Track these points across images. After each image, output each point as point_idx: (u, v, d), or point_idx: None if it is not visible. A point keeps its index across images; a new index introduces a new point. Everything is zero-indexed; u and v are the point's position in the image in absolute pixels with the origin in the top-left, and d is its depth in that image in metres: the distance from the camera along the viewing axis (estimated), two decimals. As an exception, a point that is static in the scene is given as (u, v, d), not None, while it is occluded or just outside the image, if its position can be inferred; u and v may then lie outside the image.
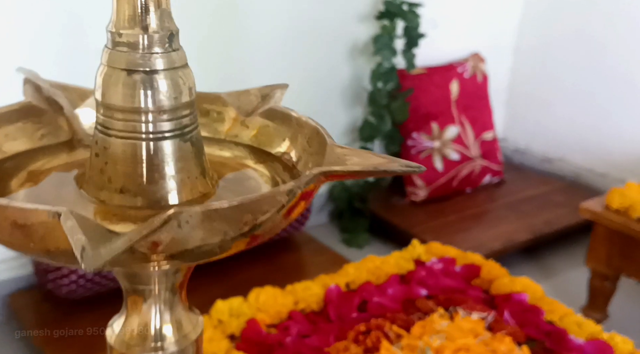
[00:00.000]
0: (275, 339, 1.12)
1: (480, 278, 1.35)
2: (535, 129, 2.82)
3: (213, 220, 0.31)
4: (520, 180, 2.68)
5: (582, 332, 1.18)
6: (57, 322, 1.59)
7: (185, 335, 0.42)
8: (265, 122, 0.46)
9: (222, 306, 1.16)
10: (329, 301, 1.23)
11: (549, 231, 2.25)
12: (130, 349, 0.41)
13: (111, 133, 0.36)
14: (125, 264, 0.33)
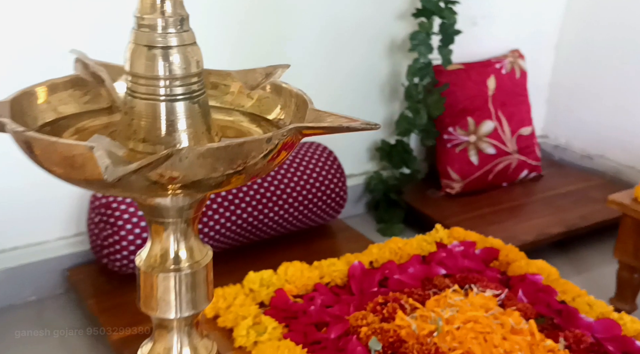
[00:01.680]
0: (300, 308, 1.22)
1: (499, 260, 1.42)
2: (576, 126, 2.83)
3: (206, 157, 0.42)
4: (559, 176, 2.69)
5: (592, 312, 1.23)
6: (110, 293, 1.75)
7: (197, 261, 0.53)
8: (265, 93, 0.57)
9: (254, 277, 1.27)
10: (352, 276, 1.32)
11: (583, 225, 2.27)
12: (153, 270, 0.53)
13: (136, 96, 0.47)
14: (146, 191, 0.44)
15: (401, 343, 1.10)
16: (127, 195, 0.45)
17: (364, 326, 1.14)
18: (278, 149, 0.46)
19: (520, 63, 2.58)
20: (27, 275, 1.83)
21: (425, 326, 1.14)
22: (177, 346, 0.54)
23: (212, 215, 1.83)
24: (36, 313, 1.82)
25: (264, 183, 1.93)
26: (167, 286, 0.52)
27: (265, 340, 1.11)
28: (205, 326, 1.19)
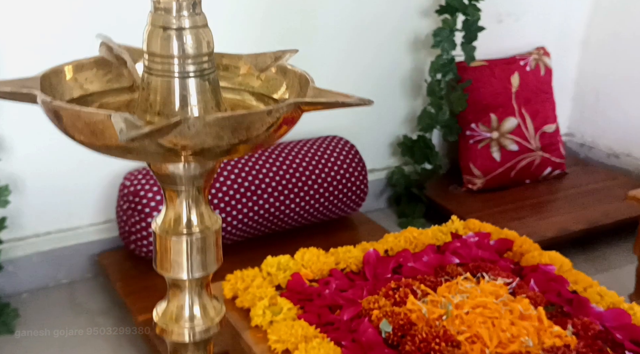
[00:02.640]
0: (315, 291, 1.27)
1: (513, 251, 1.44)
2: (602, 124, 2.81)
3: (212, 126, 0.47)
4: (584, 174, 2.68)
5: (603, 302, 1.25)
6: (137, 277, 1.82)
7: (207, 226, 0.58)
8: (272, 75, 0.61)
9: (272, 261, 1.32)
10: (366, 262, 1.36)
11: (606, 222, 2.26)
12: (167, 234, 0.58)
13: (152, 73, 0.52)
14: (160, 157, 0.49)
15: (411, 325, 1.13)
16: (143, 159, 0.50)
17: (376, 309, 1.17)
18: (279, 123, 0.51)
19: (545, 60, 2.58)
20: (59, 259, 1.92)
21: (435, 310, 1.17)
22: (189, 304, 0.59)
23: (235, 205, 1.89)
24: (68, 295, 1.90)
25: (286, 175, 1.98)
26: (180, 248, 0.57)
27: (280, 320, 1.15)
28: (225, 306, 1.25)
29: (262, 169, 1.96)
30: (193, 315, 0.59)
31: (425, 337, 1.08)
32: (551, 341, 1.09)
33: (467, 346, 1.08)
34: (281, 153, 2.03)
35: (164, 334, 0.60)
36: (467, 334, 1.11)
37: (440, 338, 1.08)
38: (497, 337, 1.09)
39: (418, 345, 1.08)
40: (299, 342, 1.09)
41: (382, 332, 1.13)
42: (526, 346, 1.08)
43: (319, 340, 1.09)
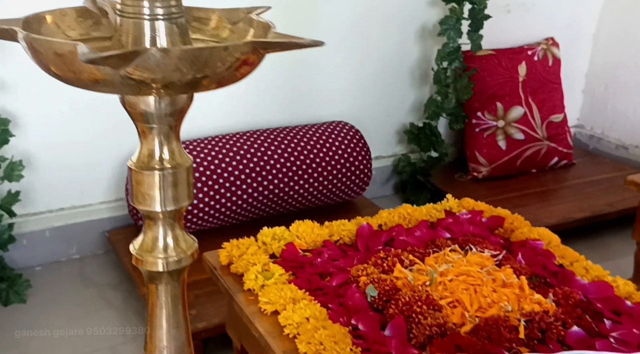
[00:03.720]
0: (307, 260, 1.31)
1: (504, 228, 1.47)
2: (612, 116, 2.81)
3: (171, 58, 0.52)
4: (592, 165, 2.69)
5: (588, 275, 1.27)
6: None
7: (179, 163, 0.64)
8: (241, 26, 0.66)
9: (267, 231, 1.37)
10: (359, 235, 1.40)
11: (610, 211, 2.27)
12: (141, 168, 0.63)
13: (125, 15, 0.58)
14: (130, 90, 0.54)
15: (396, 291, 1.17)
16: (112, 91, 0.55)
17: (364, 276, 1.22)
18: (239, 62, 0.56)
19: (553, 50, 2.59)
20: (71, 234, 2.00)
21: (420, 277, 1.21)
22: (162, 235, 0.64)
23: (240, 185, 1.95)
24: (78, 270, 1.98)
25: (290, 157, 2.03)
26: (152, 182, 0.62)
27: (272, 284, 1.20)
28: (219, 272, 1.30)
29: (267, 151, 2.01)
30: (166, 246, 0.64)
31: (408, 301, 1.12)
32: (530, 308, 1.12)
33: (448, 310, 1.12)
34: (287, 136, 2.08)
35: (139, 264, 0.65)
36: (449, 299, 1.14)
37: (423, 302, 1.12)
38: (477, 302, 1.13)
39: (401, 308, 1.12)
40: (287, 304, 1.14)
41: (367, 296, 1.18)
42: (505, 311, 1.11)
43: (306, 302, 1.14)
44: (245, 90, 2.15)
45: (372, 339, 1.07)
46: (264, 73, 2.18)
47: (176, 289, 0.66)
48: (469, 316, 1.11)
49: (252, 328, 1.15)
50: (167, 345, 0.66)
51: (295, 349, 1.06)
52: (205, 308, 1.63)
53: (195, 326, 1.58)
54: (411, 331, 1.09)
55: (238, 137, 2.02)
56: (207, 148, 1.95)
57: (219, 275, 1.28)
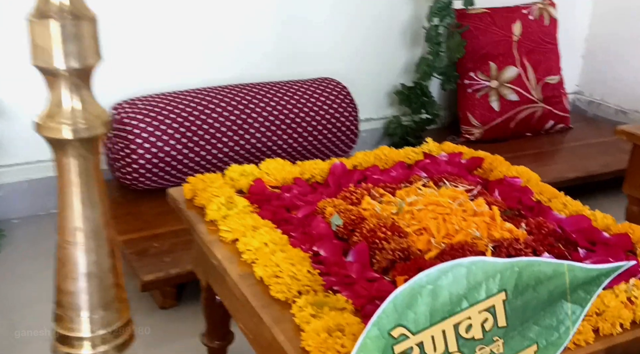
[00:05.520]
0: (275, 195, 1.27)
1: (483, 168, 1.41)
2: (612, 81, 2.74)
3: None
4: (590, 129, 2.62)
5: (566, 210, 1.22)
6: (123, 204, 1.86)
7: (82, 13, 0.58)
8: None
9: (236, 168, 1.32)
10: (331, 173, 1.36)
11: (604, 172, 2.20)
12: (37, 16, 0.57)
13: None
14: None
15: (362, 220, 1.12)
16: None
17: (330, 207, 1.17)
18: None
19: (550, 10, 2.52)
20: (50, 188, 1.96)
21: (388, 208, 1.16)
22: (68, 98, 0.59)
23: (220, 137, 1.90)
24: (57, 223, 1.95)
25: (274, 112, 1.99)
26: (49, 33, 0.57)
27: (234, 214, 1.16)
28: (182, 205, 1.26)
29: (250, 104, 1.96)
30: (73, 110, 0.59)
31: (373, 228, 1.08)
32: (500, 235, 1.07)
33: (413, 237, 1.07)
34: (271, 90, 2.03)
35: (43, 131, 0.60)
36: (415, 226, 1.10)
37: (388, 228, 1.07)
38: (445, 229, 1.08)
39: (365, 235, 1.07)
40: (247, 231, 1.10)
41: (332, 226, 1.13)
42: (473, 237, 1.06)
43: (267, 229, 1.10)
44: (233, 44, 2.10)
45: (333, 263, 1.02)
46: (252, 27, 2.14)
47: (89, 163, 0.61)
48: (435, 242, 1.06)
49: (211, 256, 1.10)
50: (81, 227, 0.62)
51: (252, 272, 1.02)
52: (180, 255, 1.60)
53: (169, 271, 1.55)
54: (374, 256, 1.04)
55: (222, 90, 1.98)
56: (192, 100, 1.90)
57: (182, 208, 1.24)
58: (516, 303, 0.79)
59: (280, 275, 0.97)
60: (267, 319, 0.92)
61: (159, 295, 1.60)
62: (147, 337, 1.51)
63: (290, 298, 0.95)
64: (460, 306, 0.76)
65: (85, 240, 0.63)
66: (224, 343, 1.39)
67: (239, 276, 1.02)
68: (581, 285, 0.83)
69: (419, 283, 0.74)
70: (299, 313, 0.90)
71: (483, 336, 0.78)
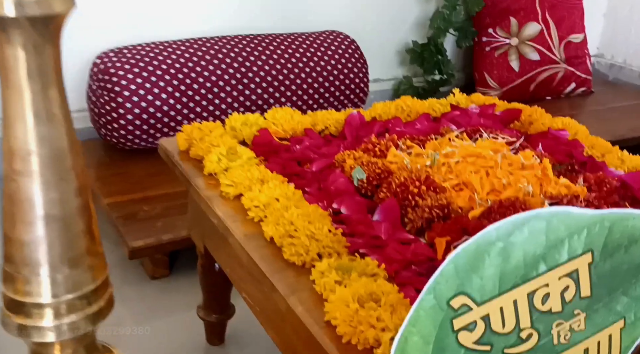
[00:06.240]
0: (284, 147, 1.09)
1: (520, 121, 1.24)
2: (635, 42, 2.56)
3: None
4: (613, 93, 2.45)
5: (624, 166, 1.05)
6: (108, 164, 1.68)
7: None
8: None
9: (238, 117, 1.14)
10: (348, 123, 1.18)
11: (633, 136, 2.04)
12: None
13: None
14: None
15: (389, 174, 0.95)
16: None
17: (350, 160, 1.00)
18: None
19: (574, -37, 2.33)
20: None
21: (419, 160, 0.99)
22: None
23: (218, 93, 1.72)
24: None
25: (276, 65, 1.80)
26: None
27: (237, 166, 0.98)
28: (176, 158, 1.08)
29: (250, 57, 1.77)
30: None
31: (404, 182, 0.90)
32: (557, 191, 0.90)
33: (452, 193, 0.90)
34: (273, 42, 1.84)
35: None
36: (454, 181, 0.92)
37: (422, 182, 0.90)
38: (489, 184, 0.91)
39: (394, 190, 0.90)
40: (253, 184, 0.92)
41: (354, 180, 0.96)
42: (525, 192, 0.89)
43: (276, 182, 0.92)
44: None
45: (357, 222, 0.85)
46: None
47: (45, 56, 0.43)
48: (479, 199, 0.89)
49: (210, 214, 0.93)
50: (35, 150, 0.44)
51: (260, 232, 0.85)
52: (173, 220, 1.42)
53: (160, 237, 1.37)
54: (406, 215, 0.87)
55: (221, 41, 1.78)
56: (187, 50, 1.71)
57: (176, 161, 1.06)
58: (604, 267, 0.62)
59: (295, 235, 0.80)
60: (281, 287, 0.75)
61: (150, 263, 1.43)
62: (136, 310, 1.34)
63: (308, 262, 0.78)
64: (537, 270, 0.59)
65: (41, 169, 0.45)
66: (223, 317, 1.22)
67: (245, 236, 0.85)
68: (680, 245, 0.66)
69: (487, 239, 0.57)
70: (321, 279, 0.73)
71: (562, 308, 0.61)
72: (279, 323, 0.83)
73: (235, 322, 1.24)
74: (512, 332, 0.59)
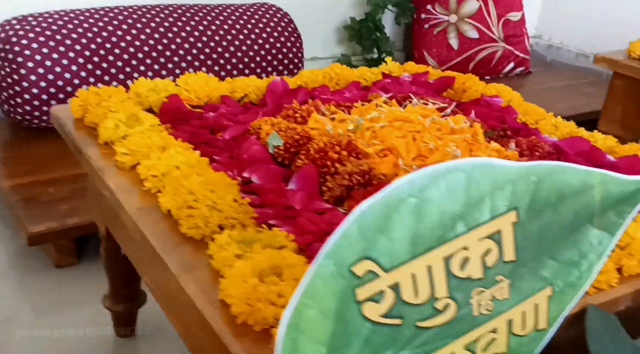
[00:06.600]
0: (195, 114, 0.98)
1: (454, 88, 1.17)
2: (572, 23, 2.55)
3: None
4: (551, 73, 2.44)
5: (558, 132, 0.99)
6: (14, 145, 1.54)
7: None
8: None
9: (144, 82, 1.02)
10: (270, 91, 1.08)
11: (571, 114, 2.01)
12: None
13: None
14: None
15: (308, 139, 0.86)
16: None
17: (267, 126, 0.90)
18: None
19: (512, -60, 2.29)
20: None
21: (342, 126, 0.90)
22: None
23: (136, 65, 1.58)
24: None
25: (202, 37, 1.68)
26: None
27: (137, 133, 0.87)
28: (69, 126, 0.96)
29: (172, 27, 1.65)
30: None
31: (323, 147, 0.81)
32: (487, 155, 0.83)
33: (376, 159, 0.81)
34: (200, 11, 1.72)
35: None
36: (378, 147, 0.84)
37: (342, 147, 0.81)
38: (416, 149, 0.83)
39: (312, 156, 0.80)
40: (152, 152, 0.81)
41: (270, 147, 0.86)
42: (453, 157, 0.81)
43: (179, 149, 0.81)
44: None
45: (269, 191, 0.75)
46: None
47: None
48: (404, 165, 0.80)
49: (102, 187, 0.81)
50: None
51: (156, 205, 0.74)
52: (80, 203, 1.29)
53: (64, 221, 1.24)
54: (324, 183, 0.78)
55: (139, 9, 1.65)
56: (100, 19, 1.56)
57: (68, 130, 0.94)
58: (530, 227, 0.55)
59: (194, 206, 0.70)
60: (172, 265, 0.65)
61: (54, 250, 1.29)
62: (38, 303, 1.21)
63: (208, 236, 0.68)
64: (455, 231, 0.50)
65: None
66: (131, 306, 1.11)
67: (138, 210, 0.74)
68: (613, 204, 0.59)
69: (397, 194, 0.48)
70: (219, 253, 0.63)
71: (483, 274, 0.53)
72: (179, 309, 0.73)
73: (147, 312, 1.13)
74: (426, 303, 0.50)
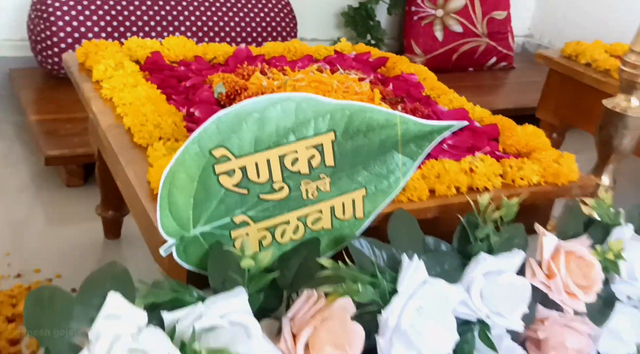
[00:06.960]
0: (169, 67, 1.27)
1: (386, 66, 1.43)
2: (559, 27, 2.74)
3: None
4: (534, 70, 2.63)
5: (451, 105, 1.24)
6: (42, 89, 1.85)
7: None
8: None
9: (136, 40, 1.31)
10: (235, 56, 1.36)
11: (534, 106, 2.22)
12: None
13: None
14: None
15: (244, 90, 1.14)
16: None
17: (218, 79, 1.18)
18: None
19: (503, -57, 2.51)
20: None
21: (275, 83, 1.17)
22: None
23: (149, 32, 1.88)
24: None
25: (202, 17, 1.97)
26: None
27: (119, 75, 1.16)
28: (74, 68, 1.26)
29: (189, 6, 1.94)
30: None
31: (251, 95, 1.09)
32: (373, 111, 1.09)
33: (288, 106, 1.09)
34: (206, -9, 2.01)
35: None
36: (293, 98, 1.11)
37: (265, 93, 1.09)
38: (321, 102, 1.10)
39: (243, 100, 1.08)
40: (125, 88, 1.11)
41: (215, 93, 1.14)
42: (345, 109, 1.08)
43: (145, 88, 1.10)
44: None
45: (204, 120, 1.04)
46: None
47: None
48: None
49: (89, 111, 1.11)
50: None
51: (122, 124, 1.03)
52: (89, 137, 1.60)
53: (75, 150, 1.55)
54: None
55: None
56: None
57: (72, 70, 1.24)
58: (345, 146, 0.82)
59: (145, 124, 0.99)
60: (122, 160, 0.94)
61: (65, 173, 1.61)
62: (50, 211, 1.52)
63: (150, 144, 0.96)
64: (287, 139, 0.78)
65: None
66: (117, 214, 1.42)
67: (108, 126, 1.03)
68: (413, 139, 0.86)
69: (245, 109, 0.76)
70: (153, 153, 0.92)
71: (310, 171, 0.80)
72: (126, 192, 1.02)
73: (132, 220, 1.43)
74: (266, 183, 0.78)
